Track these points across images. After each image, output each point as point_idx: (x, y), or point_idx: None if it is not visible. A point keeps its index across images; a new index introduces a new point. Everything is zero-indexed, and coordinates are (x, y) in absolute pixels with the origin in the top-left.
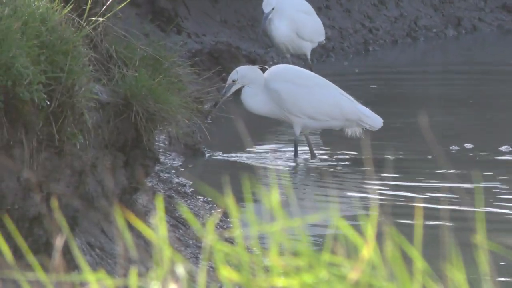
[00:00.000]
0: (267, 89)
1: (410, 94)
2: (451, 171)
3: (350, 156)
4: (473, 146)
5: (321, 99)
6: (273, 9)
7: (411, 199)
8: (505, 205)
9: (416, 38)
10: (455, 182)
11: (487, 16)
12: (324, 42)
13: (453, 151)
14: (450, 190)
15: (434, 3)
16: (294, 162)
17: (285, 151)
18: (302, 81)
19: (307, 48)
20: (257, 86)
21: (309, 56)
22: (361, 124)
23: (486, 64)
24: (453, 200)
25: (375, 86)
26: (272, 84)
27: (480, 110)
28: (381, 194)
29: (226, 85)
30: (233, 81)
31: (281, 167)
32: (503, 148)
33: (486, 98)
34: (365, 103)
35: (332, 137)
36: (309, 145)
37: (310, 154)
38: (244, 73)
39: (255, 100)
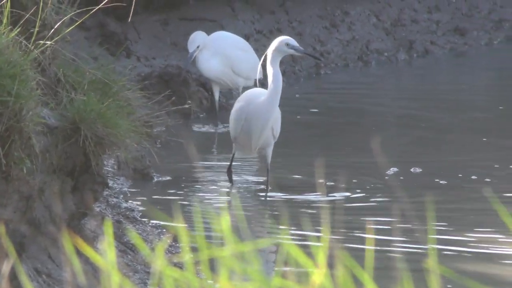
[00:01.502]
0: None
1: (357, 118)
2: (400, 194)
3: (302, 179)
4: (421, 170)
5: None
6: (198, 47)
7: (363, 223)
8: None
9: (368, 62)
10: (405, 205)
11: (439, 39)
12: (261, 79)
13: (390, 174)
14: (402, 214)
15: (386, 27)
16: (247, 186)
17: (236, 175)
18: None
19: (241, 84)
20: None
21: (240, 91)
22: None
23: (438, 88)
24: (405, 224)
25: (316, 110)
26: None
27: (431, 133)
28: (333, 218)
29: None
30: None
31: (232, 191)
32: (412, 170)
33: (436, 122)
34: (308, 127)
35: (284, 159)
36: (267, 174)
37: (266, 185)
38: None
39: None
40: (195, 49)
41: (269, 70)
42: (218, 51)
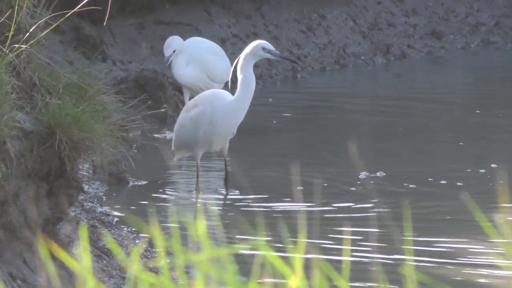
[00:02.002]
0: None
1: (334, 121)
2: (374, 199)
3: (277, 184)
4: (384, 174)
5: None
6: (174, 51)
7: (340, 226)
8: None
9: (345, 65)
10: (379, 211)
11: (416, 43)
12: (231, 83)
13: (363, 177)
14: (378, 218)
15: (363, 30)
16: (223, 190)
17: (211, 180)
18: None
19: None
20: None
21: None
22: None
23: (414, 92)
24: (381, 230)
25: (293, 114)
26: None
27: (407, 137)
28: (309, 223)
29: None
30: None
31: (207, 196)
32: (378, 174)
33: (412, 126)
34: (284, 131)
35: (259, 164)
36: (226, 175)
37: (225, 183)
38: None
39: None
40: (171, 53)
41: (240, 73)
42: (194, 57)
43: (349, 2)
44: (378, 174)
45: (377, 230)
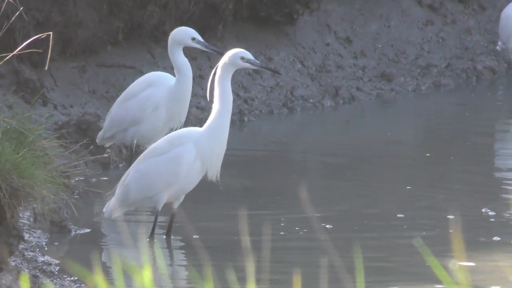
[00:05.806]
0: None
1: (281, 166)
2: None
3: (225, 229)
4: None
5: None
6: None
7: (290, 272)
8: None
9: (293, 109)
10: (331, 257)
11: (365, 86)
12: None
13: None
14: (329, 264)
15: (311, 72)
16: (166, 235)
17: (157, 224)
18: None
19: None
20: None
21: (134, 146)
22: None
23: (363, 135)
24: (332, 275)
25: (239, 158)
26: None
27: (355, 182)
28: (257, 267)
29: None
30: None
31: (153, 244)
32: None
33: (360, 170)
34: (230, 175)
35: (205, 210)
36: (170, 221)
37: (168, 229)
38: None
39: None
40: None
41: (218, 86)
42: None
43: (297, 43)
44: (327, 216)
45: (327, 275)
